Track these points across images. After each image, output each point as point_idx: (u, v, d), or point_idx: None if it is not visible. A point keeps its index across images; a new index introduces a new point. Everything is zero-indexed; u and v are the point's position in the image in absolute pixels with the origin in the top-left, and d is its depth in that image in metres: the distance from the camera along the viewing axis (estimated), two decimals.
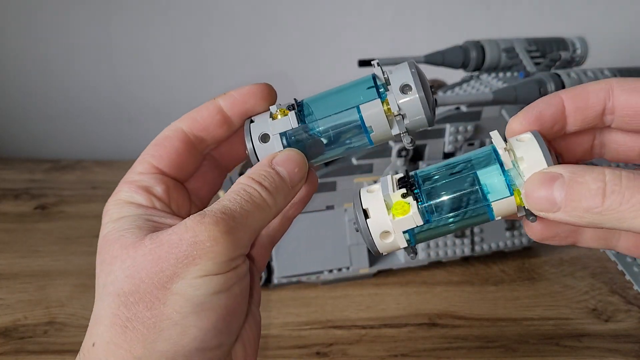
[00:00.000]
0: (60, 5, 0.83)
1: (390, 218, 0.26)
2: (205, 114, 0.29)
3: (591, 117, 0.27)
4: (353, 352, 0.47)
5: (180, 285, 0.24)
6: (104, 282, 0.25)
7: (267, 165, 0.27)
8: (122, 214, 0.27)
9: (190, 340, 0.24)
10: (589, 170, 0.23)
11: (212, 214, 0.24)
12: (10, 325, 0.49)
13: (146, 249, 0.24)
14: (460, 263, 0.59)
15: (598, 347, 0.47)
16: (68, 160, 0.85)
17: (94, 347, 0.25)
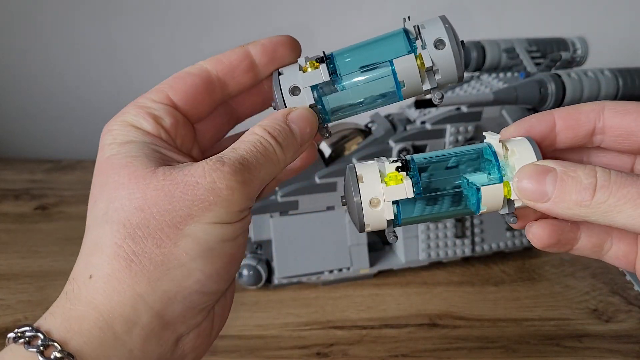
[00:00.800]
0: (62, 6, 0.83)
1: (383, 186, 0.26)
2: (233, 58, 0.28)
3: (581, 135, 0.27)
4: (353, 352, 0.47)
5: (193, 228, 0.24)
6: (105, 207, 0.24)
7: (282, 121, 0.27)
8: (129, 137, 0.26)
9: (192, 283, 0.24)
10: (581, 167, 0.25)
11: (231, 163, 0.24)
12: (11, 326, 0.49)
13: (159, 184, 0.24)
14: (460, 263, 0.59)
15: (598, 348, 0.47)
16: (68, 161, 0.85)
17: (92, 279, 0.24)
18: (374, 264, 0.56)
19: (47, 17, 0.83)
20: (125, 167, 0.24)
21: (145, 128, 0.26)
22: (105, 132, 0.26)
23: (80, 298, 0.24)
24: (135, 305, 0.24)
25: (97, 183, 0.25)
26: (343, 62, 0.28)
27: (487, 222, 0.57)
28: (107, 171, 0.25)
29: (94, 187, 0.26)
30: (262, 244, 0.53)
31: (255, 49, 0.28)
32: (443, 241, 0.56)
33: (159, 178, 0.24)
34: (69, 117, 0.90)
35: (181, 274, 0.24)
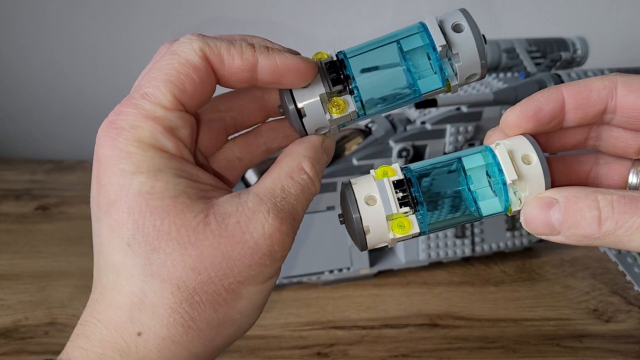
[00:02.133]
0: (63, 7, 0.83)
1: (391, 235, 0.26)
2: (237, 65, 0.24)
3: (591, 115, 0.26)
4: (354, 352, 0.47)
5: (249, 291, 0.24)
6: (148, 258, 0.22)
7: (321, 152, 0.26)
8: (155, 165, 0.22)
9: (238, 334, 0.25)
10: (583, 197, 0.24)
11: (288, 220, 0.24)
12: (11, 326, 0.49)
13: (215, 241, 0.22)
14: (460, 263, 0.59)
15: (599, 348, 0.47)
16: (69, 161, 0.85)
17: (142, 337, 0.22)
18: (374, 264, 0.56)
19: (50, 18, 0.84)
20: (170, 213, 0.22)
21: (168, 149, 0.23)
22: (119, 153, 0.22)
23: (130, 355, 0.23)
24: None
25: (128, 221, 0.22)
26: (365, 90, 0.26)
27: (487, 223, 0.57)
28: (143, 211, 0.22)
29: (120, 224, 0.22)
30: None
31: (265, 65, 0.24)
32: (443, 241, 0.56)
33: (215, 233, 0.22)
34: (70, 118, 0.90)
35: (233, 330, 0.24)
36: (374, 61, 0.26)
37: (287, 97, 0.25)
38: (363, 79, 0.26)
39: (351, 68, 0.26)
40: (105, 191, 0.23)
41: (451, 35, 0.25)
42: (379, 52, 0.27)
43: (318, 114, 0.25)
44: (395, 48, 0.26)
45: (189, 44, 0.24)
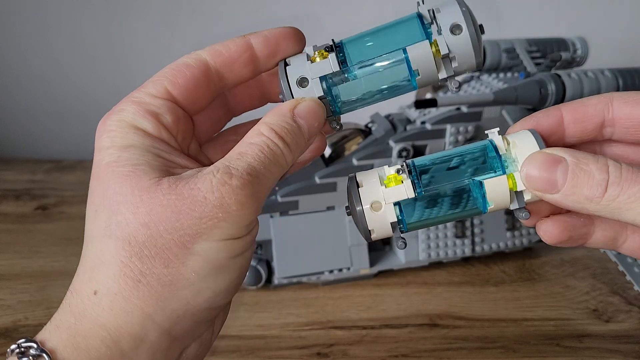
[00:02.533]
0: (63, 7, 0.83)
1: (384, 188, 0.26)
2: (233, 49, 0.26)
3: (590, 128, 0.27)
4: (354, 352, 0.47)
5: (202, 247, 0.23)
6: (107, 220, 0.23)
7: (289, 117, 0.25)
8: (129, 140, 0.24)
9: (202, 301, 0.24)
10: (593, 159, 0.24)
11: (240, 175, 0.23)
12: (11, 326, 0.49)
13: (164, 198, 0.23)
14: (460, 263, 0.59)
15: (599, 348, 0.47)
16: (69, 161, 0.85)
17: (96, 295, 0.23)
18: (374, 264, 0.56)
19: (49, 17, 0.83)
20: (127, 177, 0.23)
21: (145, 128, 0.25)
22: (102, 132, 0.25)
23: (85, 314, 0.23)
24: (144, 324, 0.23)
25: (97, 191, 0.24)
26: (353, 50, 0.26)
27: (487, 222, 0.57)
28: (107, 179, 0.24)
29: (93, 194, 0.24)
30: (262, 244, 0.53)
31: (256, 40, 0.26)
32: (443, 241, 0.56)
33: (165, 191, 0.23)
34: (69, 118, 0.90)
35: (190, 293, 0.23)
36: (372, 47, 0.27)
37: (281, 61, 0.27)
38: (353, 44, 0.27)
39: (345, 45, 0.27)
40: (92, 170, 0.25)
41: (448, 38, 0.25)
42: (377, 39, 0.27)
43: (300, 61, 0.26)
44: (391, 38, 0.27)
45: (188, 54, 0.27)
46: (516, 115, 0.52)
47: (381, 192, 0.26)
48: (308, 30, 0.30)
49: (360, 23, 0.33)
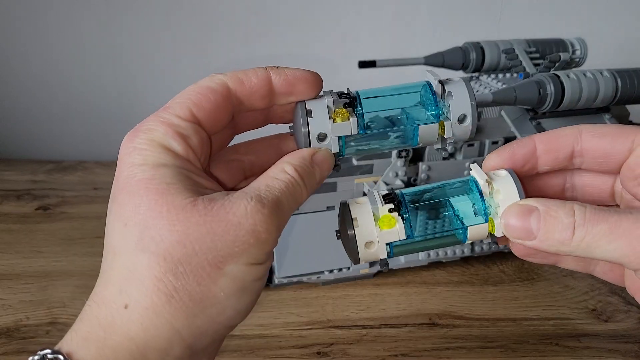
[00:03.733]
0: (64, 7, 0.83)
1: (377, 230, 0.28)
2: (254, 81, 0.28)
3: (561, 158, 0.29)
4: (353, 352, 0.47)
5: (232, 268, 0.24)
6: (140, 234, 0.24)
7: (309, 162, 0.28)
8: (161, 160, 0.25)
9: (224, 319, 0.25)
10: (561, 206, 0.26)
11: (270, 206, 0.25)
12: (12, 326, 0.49)
13: (201, 219, 0.24)
14: (460, 263, 0.59)
15: (597, 347, 0.47)
16: (70, 161, 0.85)
17: (127, 309, 0.23)
18: (374, 264, 0.56)
19: (50, 18, 0.84)
20: (162, 195, 0.24)
21: (176, 150, 0.26)
22: (132, 149, 0.25)
23: (114, 328, 0.24)
24: (171, 339, 0.24)
25: (128, 205, 0.24)
26: (370, 116, 0.29)
27: None
28: (140, 195, 0.24)
29: (122, 208, 0.25)
30: None
31: (276, 77, 0.28)
32: None
33: (201, 212, 0.24)
34: (70, 118, 0.90)
35: (216, 311, 0.25)
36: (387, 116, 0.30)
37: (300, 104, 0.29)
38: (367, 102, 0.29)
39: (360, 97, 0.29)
40: (117, 182, 0.25)
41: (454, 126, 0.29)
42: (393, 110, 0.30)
43: (322, 116, 0.28)
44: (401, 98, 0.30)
45: (211, 76, 0.28)
46: (515, 116, 0.52)
47: (375, 233, 0.28)
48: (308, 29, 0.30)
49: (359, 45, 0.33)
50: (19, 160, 0.86)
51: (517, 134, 0.51)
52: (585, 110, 0.51)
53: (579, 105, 0.49)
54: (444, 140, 0.30)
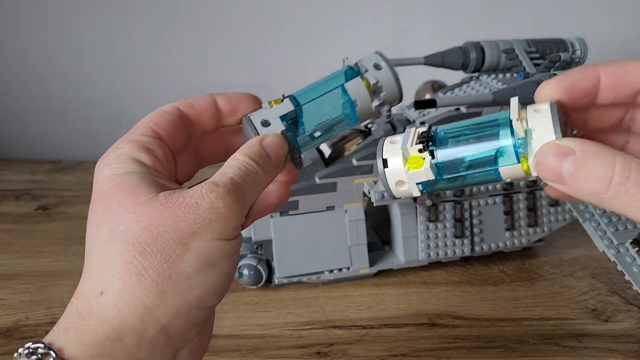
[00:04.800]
0: (63, 8, 0.83)
1: (405, 170, 0.29)
2: (202, 104, 0.31)
3: (625, 95, 0.27)
4: (353, 352, 0.47)
5: (197, 244, 0.26)
6: (111, 229, 0.26)
7: (258, 146, 0.30)
8: (128, 169, 0.28)
9: (194, 297, 0.26)
10: (601, 154, 0.24)
11: (224, 185, 0.27)
12: (12, 326, 0.49)
13: (162, 206, 0.26)
14: (460, 263, 0.59)
15: (597, 347, 0.47)
16: (69, 162, 0.86)
17: (103, 295, 0.25)
18: (374, 264, 0.56)
19: (49, 18, 0.84)
20: (128, 194, 0.26)
21: (142, 160, 0.28)
22: (103, 166, 0.28)
23: (92, 314, 0.25)
24: (144, 317, 0.25)
25: (100, 209, 0.27)
26: (302, 96, 0.32)
27: (487, 222, 0.57)
28: (110, 198, 0.27)
29: (95, 213, 0.27)
30: (262, 244, 0.54)
31: (221, 99, 0.32)
32: (442, 241, 0.56)
33: (162, 201, 0.26)
34: (69, 119, 0.90)
35: (185, 287, 0.26)
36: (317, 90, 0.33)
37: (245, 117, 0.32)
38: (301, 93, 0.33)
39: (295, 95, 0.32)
40: (93, 197, 0.28)
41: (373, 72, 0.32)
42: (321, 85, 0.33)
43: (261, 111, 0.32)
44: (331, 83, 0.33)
45: (164, 105, 0.31)
46: None
47: (404, 174, 0.29)
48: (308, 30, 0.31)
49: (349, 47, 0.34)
50: (18, 161, 0.86)
51: None
52: None
53: None
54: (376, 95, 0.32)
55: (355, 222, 0.54)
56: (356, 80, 0.32)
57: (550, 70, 0.51)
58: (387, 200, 0.52)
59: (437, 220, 0.55)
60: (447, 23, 0.84)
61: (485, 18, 0.84)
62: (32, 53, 0.86)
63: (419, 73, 0.63)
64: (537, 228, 0.58)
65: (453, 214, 0.56)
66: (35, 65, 0.87)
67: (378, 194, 0.52)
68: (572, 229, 0.64)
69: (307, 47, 0.86)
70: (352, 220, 0.54)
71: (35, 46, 0.86)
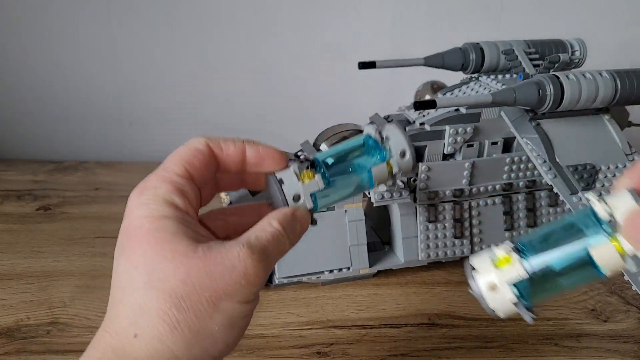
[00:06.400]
0: (64, 8, 0.83)
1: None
2: (232, 150, 0.33)
3: None
4: (353, 352, 0.47)
5: (226, 305, 0.28)
6: (148, 275, 0.28)
7: (291, 219, 0.33)
8: (164, 212, 0.29)
9: (216, 351, 0.29)
10: None
11: (259, 252, 0.29)
12: (13, 326, 0.49)
13: (200, 262, 0.28)
14: (459, 263, 0.59)
15: (596, 347, 0.47)
16: (71, 162, 0.86)
17: (137, 338, 0.27)
18: (374, 264, 0.56)
19: (50, 19, 0.84)
20: (167, 243, 0.28)
21: (177, 204, 0.30)
22: (139, 205, 0.30)
23: (125, 353, 0.28)
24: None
25: (137, 251, 0.28)
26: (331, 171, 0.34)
27: (486, 222, 0.57)
28: (149, 242, 0.28)
29: (130, 252, 0.29)
30: None
31: (250, 151, 0.33)
32: (442, 241, 0.56)
33: (200, 257, 0.28)
34: (71, 119, 0.90)
35: (210, 342, 0.28)
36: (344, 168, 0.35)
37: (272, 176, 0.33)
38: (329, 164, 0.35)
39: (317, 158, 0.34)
40: (125, 232, 0.30)
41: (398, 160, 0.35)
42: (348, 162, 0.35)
43: (292, 180, 0.33)
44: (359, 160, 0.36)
45: (196, 139, 0.32)
46: (515, 116, 0.52)
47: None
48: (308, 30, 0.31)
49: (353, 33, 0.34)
50: (19, 161, 0.86)
51: (516, 135, 0.52)
52: (585, 111, 0.51)
53: (579, 106, 0.49)
54: (394, 176, 0.36)
55: (355, 223, 0.55)
56: (381, 166, 0.35)
57: (550, 71, 0.51)
58: (386, 200, 0.52)
59: (437, 220, 0.55)
60: (446, 24, 0.85)
61: (484, 19, 0.84)
62: (34, 53, 0.86)
63: (419, 74, 0.63)
64: (536, 228, 0.58)
65: (452, 214, 0.56)
66: (36, 65, 0.87)
67: (378, 194, 0.52)
68: None
69: (307, 48, 0.86)
70: (352, 220, 0.55)
71: (37, 47, 0.86)
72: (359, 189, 0.36)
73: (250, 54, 0.86)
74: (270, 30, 0.85)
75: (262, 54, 0.87)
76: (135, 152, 0.92)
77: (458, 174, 0.55)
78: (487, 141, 0.55)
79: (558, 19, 0.84)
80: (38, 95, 0.89)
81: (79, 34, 0.85)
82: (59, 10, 0.83)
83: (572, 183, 0.48)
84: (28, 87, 0.88)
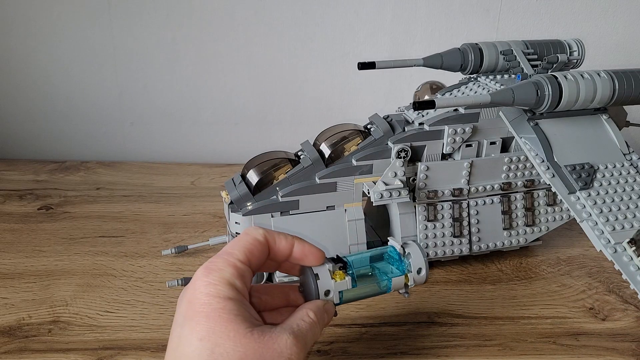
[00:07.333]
0: (65, 8, 0.83)
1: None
2: (283, 244, 0.40)
3: None
4: (353, 350, 0.47)
5: None
6: (211, 348, 0.34)
7: (322, 309, 0.39)
8: (229, 294, 0.35)
9: None
10: None
11: (302, 341, 0.36)
12: (15, 324, 0.49)
13: (255, 344, 0.34)
14: (458, 262, 0.59)
15: (595, 346, 0.48)
16: (72, 162, 0.86)
17: None
18: None
19: (51, 19, 0.84)
20: (231, 323, 0.34)
21: (238, 287, 0.36)
22: (208, 284, 0.36)
23: None
24: None
25: (204, 325, 0.34)
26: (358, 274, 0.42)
27: (485, 222, 0.57)
28: (215, 320, 0.34)
29: (199, 325, 0.34)
30: None
31: (297, 247, 0.40)
32: (441, 240, 0.56)
33: (256, 339, 0.34)
34: (73, 119, 0.91)
35: None
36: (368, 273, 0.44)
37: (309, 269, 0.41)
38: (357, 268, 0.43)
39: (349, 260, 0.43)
40: (192, 305, 0.35)
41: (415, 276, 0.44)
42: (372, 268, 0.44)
43: (326, 277, 0.40)
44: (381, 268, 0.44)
45: (256, 230, 0.40)
46: (513, 116, 0.53)
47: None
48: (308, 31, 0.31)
49: None
50: (21, 160, 0.87)
51: (515, 135, 0.52)
52: (583, 111, 0.51)
53: (577, 106, 0.49)
54: (407, 286, 0.44)
55: (354, 222, 0.55)
56: (400, 278, 0.43)
57: (548, 72, 0.52)
58: (386, 199, 0.53)
59: (436, 219, 0.56)
60: (445, 24, 0.85)
61: (483, 19, 0.85)
62: (36, 54, 0.87)
63: (418, 74, 0.63)
64: (534, 227, 0.59)
65: (451, 213, 0.56)
66: (38, 65, 0.87)
67: (377, 193, 0.52)
68: (570, 229, 0.64)
69: (308, 48, 0.86)
70: (352, 219, 0.55)
71: (39, 47, 0.86)
72: (377, 293, 0.43)
73: (250, 54, 0.87)
74: (270, 31, 0.85)
75: (262, 54, 0.87)
76: (136, 151, 0.92)
77: (457, 173, 0.55)
78: (485, 141, 0.55)
79: (556, 20, 0.84)
80: (40, 95, 0.89)
81: (80, 35, 0.85)
82: (60, 10, 0.84)
83: (570, 182, 0.48)
84: (30, 86, 0.89)
